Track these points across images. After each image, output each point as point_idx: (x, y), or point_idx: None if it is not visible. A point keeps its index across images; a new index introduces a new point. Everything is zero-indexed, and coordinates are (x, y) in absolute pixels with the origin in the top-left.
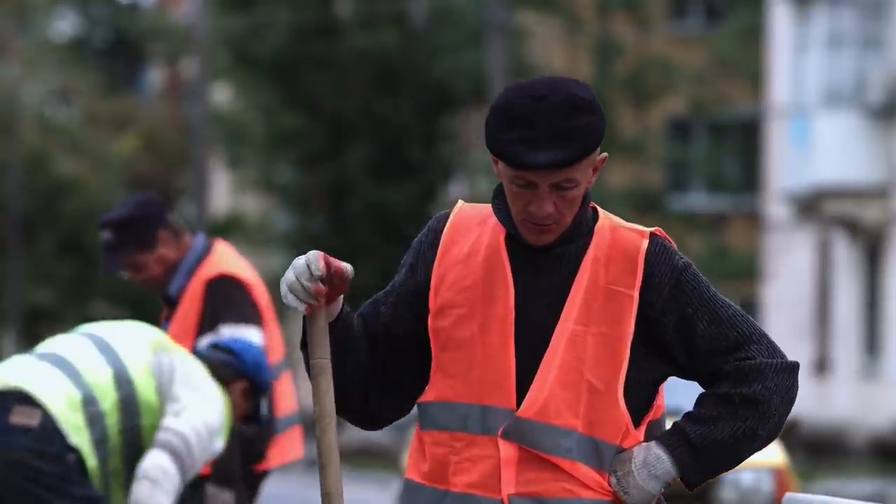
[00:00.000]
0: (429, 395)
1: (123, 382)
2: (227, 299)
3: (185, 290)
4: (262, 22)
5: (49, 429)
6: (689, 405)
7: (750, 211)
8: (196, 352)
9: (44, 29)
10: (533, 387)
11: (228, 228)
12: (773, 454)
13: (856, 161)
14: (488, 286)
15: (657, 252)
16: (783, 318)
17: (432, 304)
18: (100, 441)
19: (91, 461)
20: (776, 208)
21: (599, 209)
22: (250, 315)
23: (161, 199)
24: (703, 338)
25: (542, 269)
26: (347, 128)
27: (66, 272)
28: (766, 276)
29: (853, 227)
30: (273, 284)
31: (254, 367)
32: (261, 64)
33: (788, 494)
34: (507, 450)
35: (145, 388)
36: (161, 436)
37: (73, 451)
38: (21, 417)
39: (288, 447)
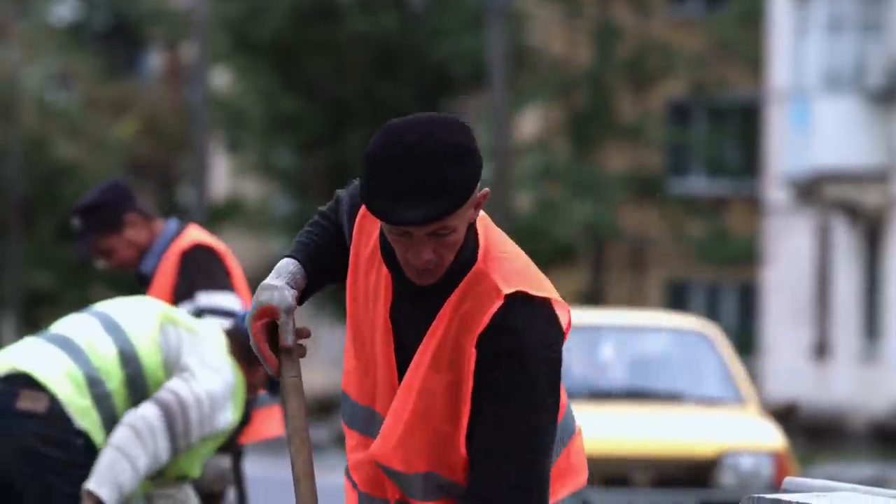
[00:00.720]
0: (342, 380)
1: (130, 360)
2: (202, 267)
3: (160, 265)
4: (262, 5)
5: (56, 414)
6: (688, 390)
7: (750, 195)
8: (229, 329)
9: (43, 13)
10: (382, 432)
11: (228, 212)
12: (772, 438)
13: (856, 145)
14: (377, 292)
15: (503, 318)
16: (783, 302)
17: (349, 288)
18: (109, 420)
19: (100, 441)
20: (776, 192)
21: (484, 247)
22: (225, 282)
23: (160, 182)
24: (479, 416)
25: (413, 299)
26: (347, 111)
27: (65, 256)
28: (766, 261)
29: (853, 212)
30: (272, 268)
31: None
32: (260, 48)
33: (788, 478)
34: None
35: (152, 364)
36: (158, 393)
37: (81, 434)
38: (28, 402)
39: (267, 425)
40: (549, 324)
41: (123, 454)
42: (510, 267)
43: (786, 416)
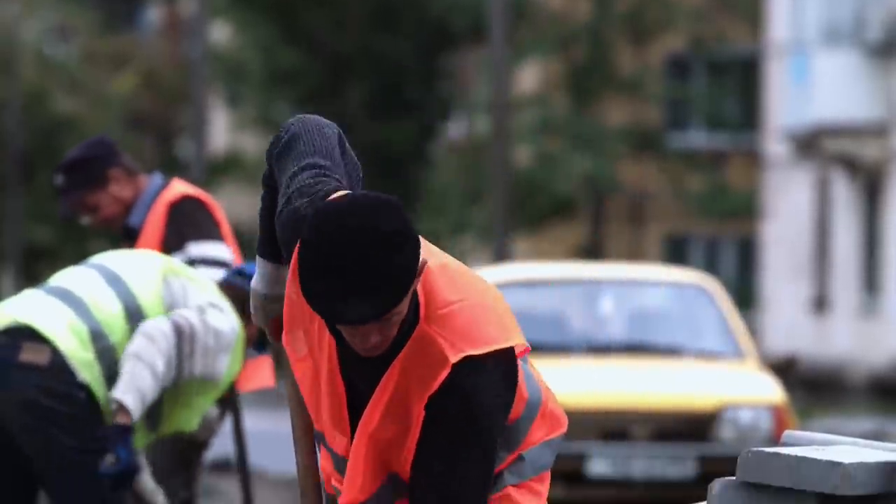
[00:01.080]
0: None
1: (134, 314)
2: (192, 218)
3: (148, 218)
4: None
5: (58, 366)
6: (687, 344)
7: (749, 149)
8: (221, 281)
9: None
10: (346, 482)
11: (228, 167)
12: (771, 392)
13: (855, 99)
14: (322, 341)
15: (453, 382)
16: (782, 256)
17: (293, 294)
18: (111, 374)
19: (101, 394)
20: (775, 146)
21: (424, 304)
22: (215, 232)
23: (159, 136)
24: (427, 465)
25: (358, 355)
26: (346, 65)
27: None
28: (766, 215)
29: (852, 165)
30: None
31: None
32: (259, 1)
33: (787, 432)
34: None
35: (156, 317)
36: (170, 316)
37: (83, 387)
38: (30, 355)
39: (257, 374)
40: (501, 375)
41: (141, 360)
42: (455, 325)
43: (785, 369)
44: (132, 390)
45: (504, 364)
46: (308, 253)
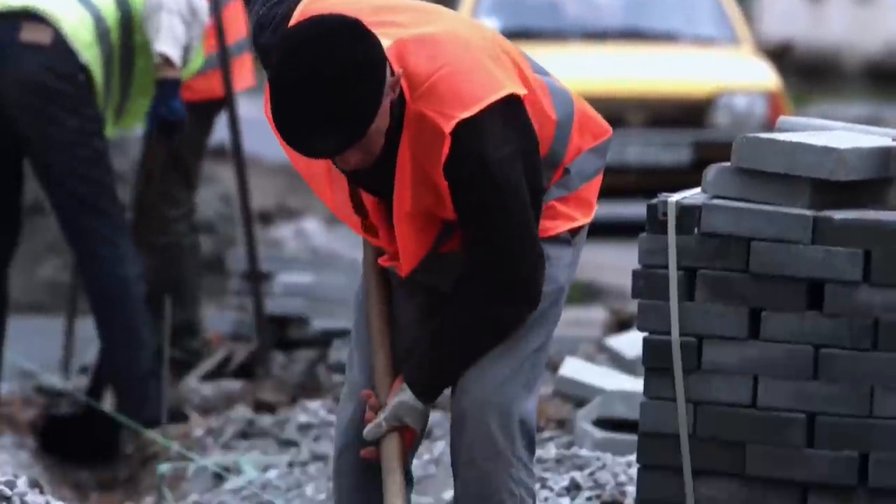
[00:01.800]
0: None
1: (121, 3)
2: None
3: None
4: None
5: (61, 46)
6: (683, 30)
7: None
8: None
9: None
10: (402, 259)
11: None
12: (766, 78)
13: None
14: None
15: (458, 148)
16: None
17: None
18: (107, 59)
19: (98, 77)
20: None
21: (407, 84)
22: None
23: None
24: (468, 226)
25: None
26: None
27: None
28: None
29: None
30: None
31: None
32: None
33: (782, 118)
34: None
35: (138, 4)
36: None
37: (83, 69)
38: (32, 34)
39: (237, 76)
40: (502, 125)
41: (171, 11)
42: (440, 94)
43: (780, 55)
44: (172, 43)
45: (502, 114)
46: (272, 88)
